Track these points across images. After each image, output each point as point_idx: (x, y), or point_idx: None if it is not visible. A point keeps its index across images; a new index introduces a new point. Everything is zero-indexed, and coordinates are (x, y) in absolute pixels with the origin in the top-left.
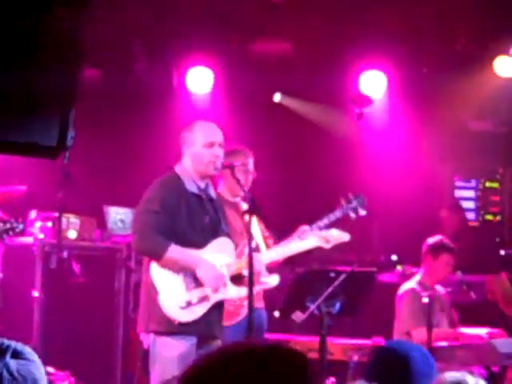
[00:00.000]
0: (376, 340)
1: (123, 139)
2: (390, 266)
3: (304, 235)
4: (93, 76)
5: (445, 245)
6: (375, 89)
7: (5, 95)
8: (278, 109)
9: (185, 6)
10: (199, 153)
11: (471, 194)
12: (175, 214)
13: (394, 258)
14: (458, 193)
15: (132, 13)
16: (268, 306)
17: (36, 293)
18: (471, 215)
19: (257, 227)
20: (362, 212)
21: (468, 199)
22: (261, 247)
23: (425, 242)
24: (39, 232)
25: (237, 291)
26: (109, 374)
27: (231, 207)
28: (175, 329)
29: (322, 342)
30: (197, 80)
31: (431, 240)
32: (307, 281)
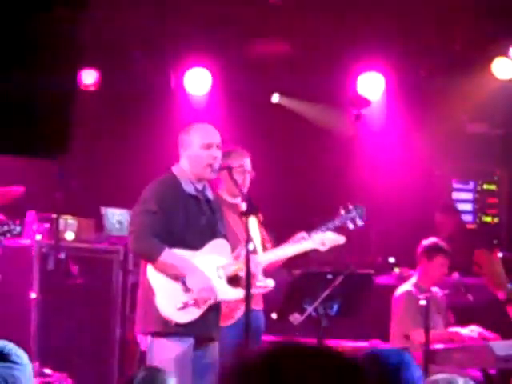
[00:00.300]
0: (374, 342)
1: (121, 140)
2: (388, 268)
3: (300, 242)
4: (91, 77)
5: (439, 247)
6: (373, 90)
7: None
8: (276, 110)
9: (183, 7)
10: (197, 154)
11: (469, 196)
12: (172, 215)
13: (392, 261)
14: (456, 195)
15: (131, 14)
16: (266, 308)
17: (33, 294)
18: (469, 217)
19: (256, 229)
20: (360, 223)
21: (465, 201)
22: (258, 249)
23: (419, 245)
24: (37, 233)
25: (233, 293)
26: (106, 376)
27: (230, 208)
28: (172, 330)
29: (320, 344)
30: (195, 81)
31: (426, 242)
32: (305, 283)
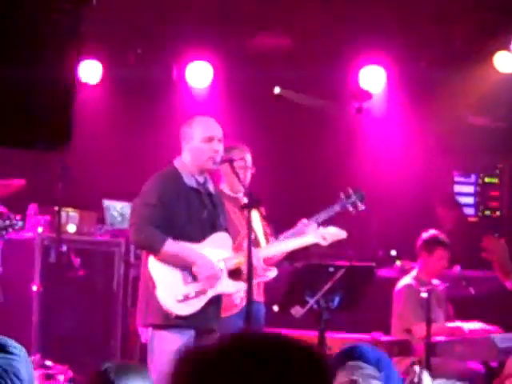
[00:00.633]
0: (375, 334)
1: (123, 133)
2: (389, 261)
3: (302, 231)
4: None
5: (439, 239)
6: (375, 83)
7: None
8: (277, 102)
9: (184, 1)
10: (198, 147)
11: (470, 190)
12: (173, 208)
13: (393, 253)
14: (457, 188)
15: (132, 7)
16: (267, 301)
17: (35, 287)
18: (470, 210)
19: (258, 223)
20: (361, 207)
21: (467, 194)
22: (261, 242)
23: (419, 238)
24: (38, 226)
25: (234, 286)
26: None
27: (231, 202)
28: (173, 322)
29: (321, 337)
30: (196, 74)
31: (425, 235)
32: (306, 275)
